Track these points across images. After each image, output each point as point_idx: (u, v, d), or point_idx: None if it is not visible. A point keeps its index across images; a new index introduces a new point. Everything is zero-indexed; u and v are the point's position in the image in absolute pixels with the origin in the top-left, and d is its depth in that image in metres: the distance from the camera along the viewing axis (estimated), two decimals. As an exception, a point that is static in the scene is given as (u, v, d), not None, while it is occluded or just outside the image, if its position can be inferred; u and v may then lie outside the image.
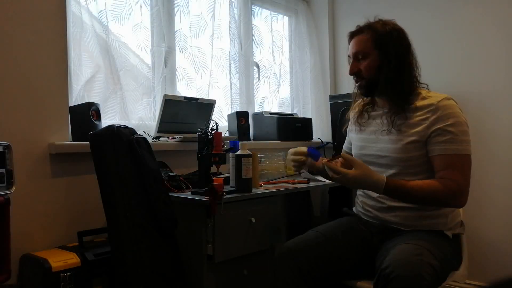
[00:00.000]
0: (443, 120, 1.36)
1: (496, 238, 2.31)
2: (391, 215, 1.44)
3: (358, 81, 1.50)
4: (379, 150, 1.48)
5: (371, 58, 1.44)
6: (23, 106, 1.59)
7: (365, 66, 1.45)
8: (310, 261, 1.37)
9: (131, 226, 1.44)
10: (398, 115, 1.43)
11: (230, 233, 1.58)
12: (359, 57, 1.46)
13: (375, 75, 1.44)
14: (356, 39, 1.48)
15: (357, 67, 1.47)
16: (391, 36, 1.43)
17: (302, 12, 3.03)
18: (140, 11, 2.14)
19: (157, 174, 1.53)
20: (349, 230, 1.50)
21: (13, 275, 1.42)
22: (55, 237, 1.65)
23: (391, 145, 1.44)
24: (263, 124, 2.53)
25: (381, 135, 1.48)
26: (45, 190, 1.64)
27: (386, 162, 1.46)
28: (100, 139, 1.49)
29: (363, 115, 1.58)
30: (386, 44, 1.42)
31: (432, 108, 1.38)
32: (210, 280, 1.56)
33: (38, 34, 1.63)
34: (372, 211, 1.50)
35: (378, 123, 1.51)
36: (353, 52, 1.48)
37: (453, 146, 1.35)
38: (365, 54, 1.45)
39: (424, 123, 1.38)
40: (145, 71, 2.16)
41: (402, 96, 1.43)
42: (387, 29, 1.44)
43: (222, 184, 1.51)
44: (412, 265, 1.14)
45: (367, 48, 1.45)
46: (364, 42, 1.45)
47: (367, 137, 1.55)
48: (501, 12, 2.29)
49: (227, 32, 2.51)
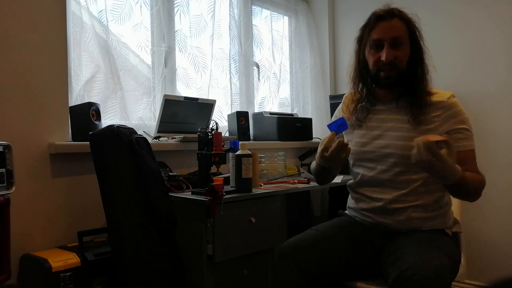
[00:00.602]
0: (456, 118, 1.35)
1: (495, 238, 2.31)
2: (392, 220, 1.40)
3: (388, 70, 1.36)
4: (385, 146, 1.40)
5: (406, 48, 1.36)
6: (23, 106, 1.59)
7: (403, 56, 1.35)
8: (310, 260, 1.34)
9: (131, 226, 1.44)
10: (414, 111, 1.37)
11: (230, 233, 1.58)
12: (396, 43, 1.34)
13: (406, 67, 1.37)
14: (392, 23, 1.35)
15: (393, 54, 1.34)
16: (417, 28, 1.39)
17: (302, 12, 3.03)
18: (140, 11, 2.14)
19: (157, 174, 1.53)
20: (348, 230, 1.47)
21: (13, 275, 1.42)
22: (55, 237, 1.65)
23: (401, 141, 1.37)
24: (263, 124, 2.53)
25: (389, 131, 1.41)
26: (45, 190, 1.64)
27: (393, 159, 1.39)
28: (100, 139, 1.49)
29: (362, 110, 1.48)
30: (416, 35, 1.37)
31: (444, 105, 1.36)
32: (210, 280, 1.56)
33: (38, 34, 1.63)
34: (372, 216, 1.44)
35: (383, 118, 1.44)
36: (392, 36, 1.34)
37: (468, 142, 1.36)
38: (403, 40, 1.35)
39: (436, 120, 1.36)
40: (145, 71, 2.16)
41: (423, 92, 1.38)
42: (413, 21, 1.38)
43: (222, 184, 1.51)
44: (434, 267, 1.12)
45: (405, 35, 1.35)
46: (401, 29, 1.35)
47: (369, 132, 1.45)
48: (501, 12, 2.29)
49: (227, 32, 2.51)
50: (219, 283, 1.59)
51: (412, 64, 1.38)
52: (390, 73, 1.36)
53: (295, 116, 2.73)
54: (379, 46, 1.36)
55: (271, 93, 2.82)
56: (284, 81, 2.94)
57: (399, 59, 1.35)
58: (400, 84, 1.39)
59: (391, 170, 1.39)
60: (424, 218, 1.38)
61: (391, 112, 1.43)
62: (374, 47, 1.38)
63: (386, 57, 1.34)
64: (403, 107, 1.40)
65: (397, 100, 1.43)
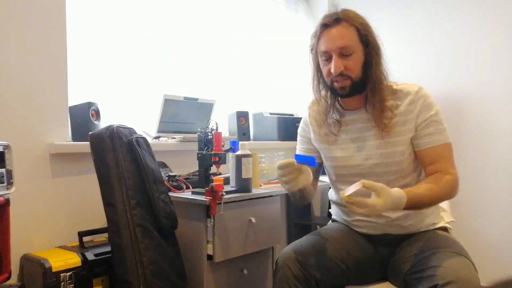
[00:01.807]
0: (426, 111, 1.29)
1: (495, 238, 2.31)
2: (392, 229, 1.37)
3: (340, 81, 1.29)
4: (369, 157, 1.34)
5: (357, 54, 1.28)
6: (23, 106, 1.59)
7: (354, 64, 1.28)
8: (311, 267, 1.30)
9: (131, 226, 1.44)
10: (384, 114, 1.29)
11: (230, 233, 1.58)
12: (343, 53, 1.27)
13: (361, 74, 1.29)
14: (337, 31, 1.27)
15: (343, 65, 1.27)
16: (368, 27, 1.29)
17: (302, 11, 3.03)
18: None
19: (157, 174, 1.53)
20: (350, 235, 1.43)
21: (13, 275, 1.42)
22: (55, 237, 1.65)
23: (381, 150, 1.32)
24: (263, 124, 2.53)
25: (369, 141, 1.34)
26: (45, 190, 1.64)
27: (380, 169, 1.33)
28: (100, 139, 1.49)
29: (334, 123, 1.39)
30: (367, 37, 1.28)
31: (413, 99, 1.30)
32: (210, 280, 1.56)
33: (38, 34, 1.63)
34: (374, 228, 1.39)
35: (359, 128, 1.36)
36: (338, 46, 1.26)
37: (440, 136, 1.29)
38: (352, 49, 1.26)
39: (411, 117, 1.30)
40: (145, 70, 2.16)
41: (384, 93, 1.31)
42: (362, 20, 1.29)
43: (222, 184, 1.51)
44: (473, 280, 1.09)
45: (353, 42, 1.27)
46: (348, 35, 1.26)
47: (348, 146, 1.38)
48: (502, 12, 2.29)
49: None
50: (219, 283, 1.59)
51: (367, 68, 1.30)
52: (344, 83, 1.29)
53: (295, 116, 2.73)
54: (328, 58, 1.30)
55: (271, 93, 2.82)
56: (285, 81, 2.93)
57: (349, 68, 1.27)
58: (357, 92, 1.32)
59: (381, 180, 1.25)
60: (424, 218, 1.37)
61: (363, 120, 1.36)
62: (324, 58, 1.32)
63: (335, 70, 1.27)
64: (370, 113, 1.33)
65: (365, 105, 1.35)
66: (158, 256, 1.46)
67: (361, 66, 1.29)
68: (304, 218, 2.58)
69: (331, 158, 1.42)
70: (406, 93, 1.32)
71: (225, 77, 2.51)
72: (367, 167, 1.35)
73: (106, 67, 1.97)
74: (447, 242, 1.28)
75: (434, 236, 1.33)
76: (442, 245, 1.26)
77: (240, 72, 2.61)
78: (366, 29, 1.29)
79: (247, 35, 2.65)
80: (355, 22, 1.28)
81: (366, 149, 1.35)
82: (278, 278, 1.31)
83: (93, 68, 1.92)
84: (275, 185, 1.88)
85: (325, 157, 1.46)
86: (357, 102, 1.36)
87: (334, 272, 1.33)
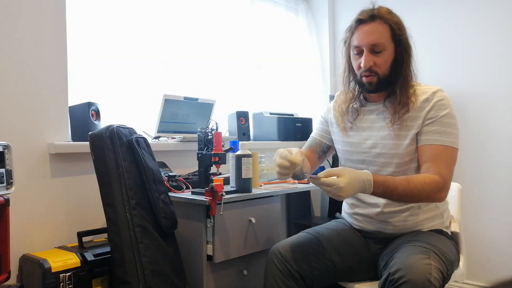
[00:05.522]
0: (437, 110, 1.31)
1: (495, 238, 2.31)
2: (390, 225, 1.38)
3: (368, 76, 1.34)
4: (374, 146, 1.39)
5: (388, 52, 1.32)
6: (23, 106, 1.59)
7: (383, 61, 1.32)
8: (299, 263, 1.34)
9: (131, 226, 1.44)
10: (402, 109, 1.33)
11: (230, 233, 1.58)
12: (374, 50, 1.31)
13: (388, 72, 1.34)
14: (371, 28, 1.31)
15: (373, 60, 1.32)
16: (402, 26, 1.33)
17: (302, 12, 3.03)
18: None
19: (157, 174, 1.53)
20: (344, 233, 1.46)
21: (13, 275, 1.42)
22: (55, 237, 1.65)
23: (389, 140, 1.36)
24: (263, 124, 2.53)
25: (377, 131, 1.39)
26: (45, 190, 1.64)
27: (383, 160, 1.37)
28: (100, 139, 1.49)
29: (352, 111, 1.45)
30: (399, 36, 1.32)
31: (428, 97, 1.32)
32: (210, 280, 1.56)
33: (38, 34, 1.63)
34: (369, 223, 1.43)
35: (372, 119, 1.42)
36: (369, 43, 1.31)
37: (442, 137, 1.29)
38: (383, 46, 1.31)
39: (421, 114, 1.32)
40: (145, 70, 2.16)
41: (409, 91, 1.35)
42: (397, 19, 1.33)
43: (222, 184, 1.50)
44: (422, 270, 1.10)
45: (384, 40, 1.31)
46: (381, 33, 1.31)
47: (359, 133, 1.44)
48: (501, 11, 2.29)
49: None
50: (219, 283, 1.59)
51: (396, 66, 1.34)
52: (371, 79, 1.34)
53: (295, 116, 2.73)
54: (359, 52, 1.35)
55: (271, 93, 2.82)
56: (284, 81, 2.93)
57: (378, 65, 1.33)
58: (383, 88, 1.37)
59: (382, 170, 1.37)
60: (421, 220, 1.37)
61: (379, 112, 1.40)
62: (355, 52, 1.36)
63: (364, 65, 1.32)
64: (388, 106, 1.38)
65: (385, 100, 1.40)
66: (158, 257, 1.46)
67: (390, 64, 1.34)
68: (304, 218, 2.58)
69: (342, 142, 1.49)
70: (425, 91, 1.35)
71: (225, 77, 2.51)
72: (371, 156, 1.40)
73: (106, 67, 1.97)
74: (425, 238, 1.28)
75: (419, 233, 1.34)
76: (415, 239, 1.28)
77: (240, 72, 2.61)
78: (399, 28, 1.33)
79: (247, 35, 2.64)
80: (390, 20, 1.32)
81: (373, 138, 1.40)
82: (265, 272, 1.39)
83: (93, 68, 1.93)
84: (275, 185, 1.88)
85: (336, 141, 1.53)
86: (379, 96, 1.41)
87: (319, 269, 1.37)
